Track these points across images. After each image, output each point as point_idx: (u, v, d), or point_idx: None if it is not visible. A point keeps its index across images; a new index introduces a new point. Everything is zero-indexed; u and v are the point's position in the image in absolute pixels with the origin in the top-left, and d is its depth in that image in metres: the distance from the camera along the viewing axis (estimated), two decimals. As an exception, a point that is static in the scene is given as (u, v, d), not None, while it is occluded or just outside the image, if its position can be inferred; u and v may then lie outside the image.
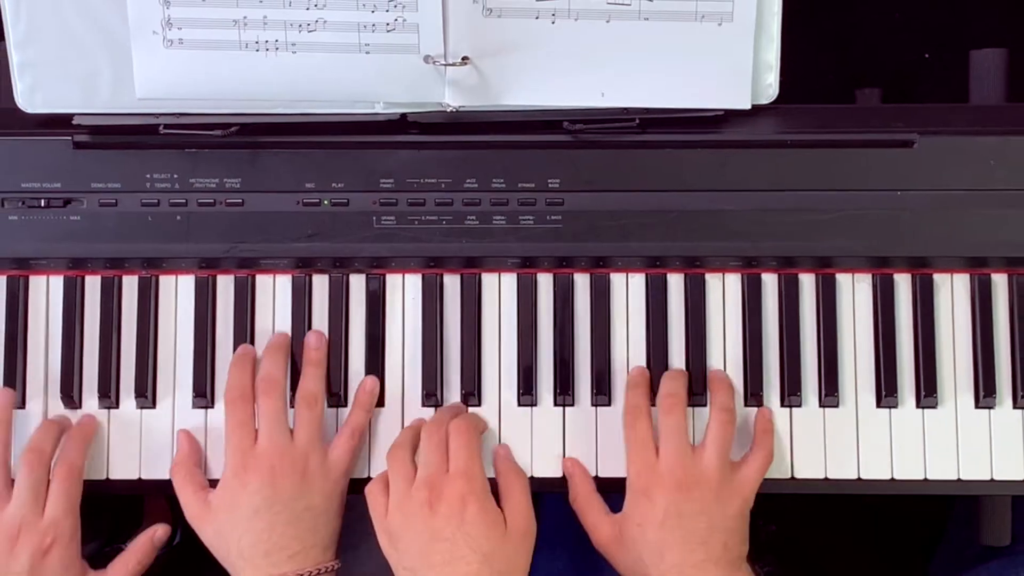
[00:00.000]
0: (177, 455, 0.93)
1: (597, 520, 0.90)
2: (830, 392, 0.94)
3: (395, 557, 0.87)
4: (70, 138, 0.93)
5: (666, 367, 0.95)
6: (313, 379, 0.93)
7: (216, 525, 0.89)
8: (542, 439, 0.95)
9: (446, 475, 0.87)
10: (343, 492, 0.91)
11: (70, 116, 0.93)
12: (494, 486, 0.90)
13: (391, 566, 0.88)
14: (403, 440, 0.91)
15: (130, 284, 0.96)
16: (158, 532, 0.95)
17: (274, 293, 0.96)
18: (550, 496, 0.93)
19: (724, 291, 0.96)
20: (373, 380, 0.94)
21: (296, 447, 0.89)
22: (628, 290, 0.96)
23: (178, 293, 0.96)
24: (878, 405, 0.95)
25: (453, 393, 0.95)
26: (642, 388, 0.92)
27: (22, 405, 0.95)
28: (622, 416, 0.92)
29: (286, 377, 0.93)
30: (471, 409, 0.95)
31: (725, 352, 0.96)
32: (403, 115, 0.93)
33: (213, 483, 0.92)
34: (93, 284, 0.96)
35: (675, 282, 0.96)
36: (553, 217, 0.93)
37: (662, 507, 0.86)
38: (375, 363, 0.95)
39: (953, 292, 0.96)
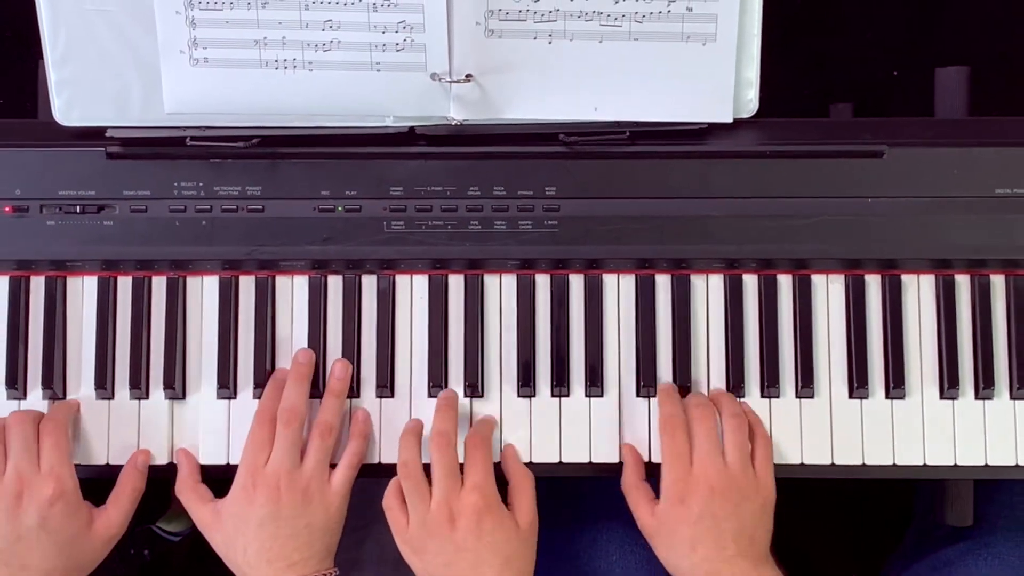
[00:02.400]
0: (179, 474, 0.93)
1: (643, 510, 0.90)
2: (806, 384, 0.94)
3: (419, 566, 0.88)
4: (103, 149, 0.93)
5: (654, 362, 0.95)
6: (331, 411, 0.92)
7: (224, 533, 0.90)
8: (540, 428, 0.95)
9: (462, 491, 0.87)
10: (341, 510, 0.91)
11: (103, 129, 0.93)
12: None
13: (414, 571, 0.89)
14: (410, 458, 0.90)
15: (159, 284, 0.96)
16: (139, 458, 0.94)
17: (292, 293, 0.96)
18: (555, 479, 0.93)
19: (708, 291, 0.96)
20: (365, 412, 0.94)
21: (303, 472, 0.89)
22: (619, 290, 0.96)
23: (203, 293, 0.96)
24: (850, 396, 0.95)
25: (457, 386, 0.95)
26: (677, 400, 0.92)
27: (61, 396, 0.95)
28: (660, 427, 0.91)
29: (307, 407, 0.92)
30: (474, 401, 0.95)
31: (709, 348, 0.96)
32: (411, 128, 0.93)
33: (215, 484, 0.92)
34: (125, 284, 0.96)
35: (663, 283, 0.96)
36: (550, 222, 0.93)
37: (697, 511, 0.86)
38: (385, 357, 0.95)
39: (920, 292, 0.96)
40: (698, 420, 0.89)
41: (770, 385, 0.94)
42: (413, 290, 0.96)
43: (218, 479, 0.93)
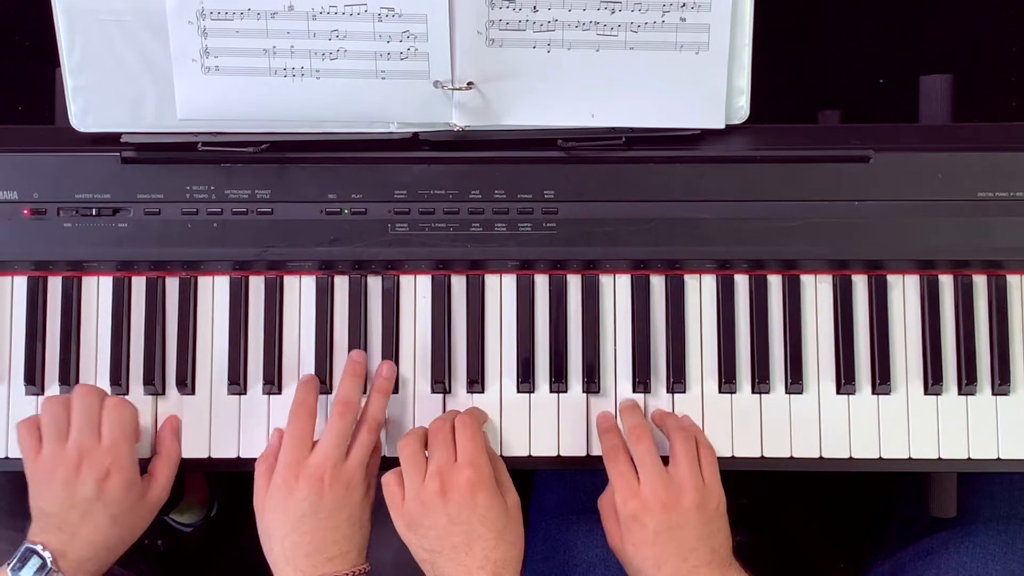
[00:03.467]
0: (267, 449, 0.91)
1: (611, 530, 0.89)
2: (795, 380, 0.95)
3: (415, 542, 0.87)
4: (118, 154, 0.93)
5: (649, 359, 0.95)
6: (379, 407, 0.92)
7: (264, 523, 0.88)
8: (539, 422, 0.95)
9: (455, 465, 0.86)
10: (373, 503, 0.90)
11: (118, 135, 0.93)
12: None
13: (411, 549, 0.88)
14: (413, 436, 0.90)
15: (172, 284, 0.96)
16: (174, 423, 0.94)
17: (300, 292, 0.96)
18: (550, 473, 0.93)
19: (701, 291, 0.96)
20: (390, 366, 0.93)
21: (347, 465, 0.88)
22: (615, 290, 0.96)
23: (215, 292, 0.96)
24: (838, 392, 0.95)
25: (459, 381, 0.95)
26: (614, 430, 0.92)
27: (76, 392, 0.95)
28: (603, 458, 0.90)
29: (360, 401, 0.91)
30: (475, 396, 0.95)
31: (702, 345, 0.96)
32: (415, 134, 0.93)
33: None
34: (139, 284, 0.96)
35: (657, 283, 0.96)
36: (549, 224, 0.93)
37: (652, 528, 0.85)
38: (390, 354, 0.95)
39: (905, 291, 0.96)
40: (636, 440, 0.88)
41: (760, 381, 0.94)
42: (416, 290, 0.96)
43: (226, 473, 0.93)
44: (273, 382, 0.95)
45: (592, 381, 0.95)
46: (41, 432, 0.88)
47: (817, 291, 0.96)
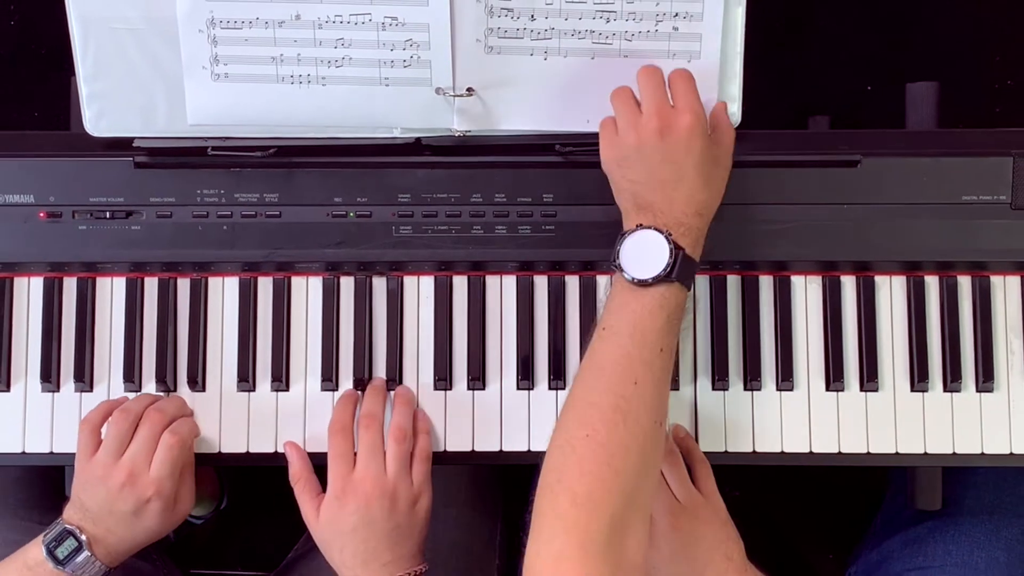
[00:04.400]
0: (293, 468, 0.91)
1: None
2: (786, 378, 0.94)
3: (618, 173, 0.85)
4: (131, 159, 0.93)
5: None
6: (404, 416, 0.92)
7: (320, 535, 0.89)
8: (538, 418, 0.95)
9: (675, 110, 0.84)
10: (427, 508, 0.90)
11: (131, 140, 0.93)
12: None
13: (613, 181, 0.86)
14: (624, 88, 0.87)
15: (183, 285, 0.96)
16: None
17: (307, 293, 0.96)
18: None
19: (694, 291, 0.96)
20: (423, 411, 0.94)
21: (387, 478, 0.88)
22: (612, 290, 0.96)
23: (224, 293, 0.96)
24: (827, 389, 0.95)
25: (461, 378, 0.95)
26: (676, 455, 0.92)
27: (90, 389, 0.95)
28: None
29: (384, 413, 0.92)
30: (476, 392, 0.95)
31: (695, 344, 0.95)
32: (418, 139, 0.93)
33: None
34: (151, 285, 0.96)
35: (652, 283, 0.96)
36: (547, 227, 0.93)
37: (668, 550, 0.86)
38: (395, 352, 0.95)
39: (892, 292, 0.96)
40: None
41: (752, 379, 0.94)
42: (420, 290, 0.96)
43: (231, 467, 0.93)
44: (281, 379, 0.95)
45: (589, 378, 0.94)
46: (101, 439, 0.89)
47: (807, 292, 0.96)
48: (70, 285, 0.96)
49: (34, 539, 0.88)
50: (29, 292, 0.96)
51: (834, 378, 0.94)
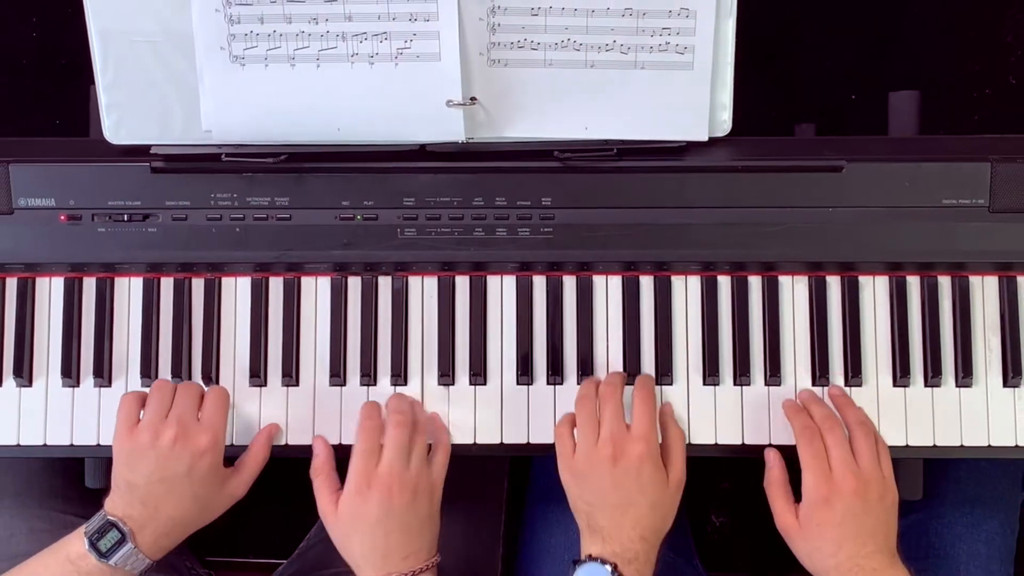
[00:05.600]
0: (317, 460, 0.91)
1: (784, 509, 0.88)
2: (773, 374, 0.95)
3: (576, 492, 0.88)
4: (148, 165, 0.93)
5: (639, 354, 0.95)
6: (424, 413, 0.93)
7: (339, 529, 0.88)
8: (537, 412, 0.95)
9: (628, 436, 0.87)
10: (439, 499, 0.90)
11: (148, 147, 0.93)
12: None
13: (570, 498, 0.89)
14: (588, 398, 0.90)
15: (198, 285, 0.96)
16: (271, 431, 0.93)
17: (316, 292, 0.96)
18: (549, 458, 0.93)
19: (687, 291, 0.96)
20: (436, 413, 0.94)
21: (410, 472, 0.88)
22: (607, 290, 0.96)
23: (237, 292, 0.96)
24: (813, 384, 0.95)
25: (463, 374, 0.95)
26: (805, 413, 0.91)
27: (109, 384, 0.95)
28: (796, 439, 0.89)
29: (411, 413, 0.91)
30: (477, 388, 0.95)
31: (687, 341, 0.96)
32: (422, 145, 0.93)
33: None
34: (167, 285, 0.96)
35: (646, 283, 0.96)
36: (546, 229, 0.93)
37: (840, 512, 0.85)
38: (399, 350, 0.95)
39: (875, 291, 0.96)
40: (829, 430, 0.88)
41: (741, 375, 0.94)
42: (424, 290, 0.96)
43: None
44: (291, 375, 0.95)
45: (586, 374, 0.95)
46: (145, 407, 0.88)
47: (794, 291, 0.96)
48: (89, 285, 0.96)
49: (75, 531, 0.86)
50: (51, 292, 0.96)
51: (820, 374, 0.94)
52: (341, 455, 0.93)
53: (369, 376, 0.95)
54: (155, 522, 0.86)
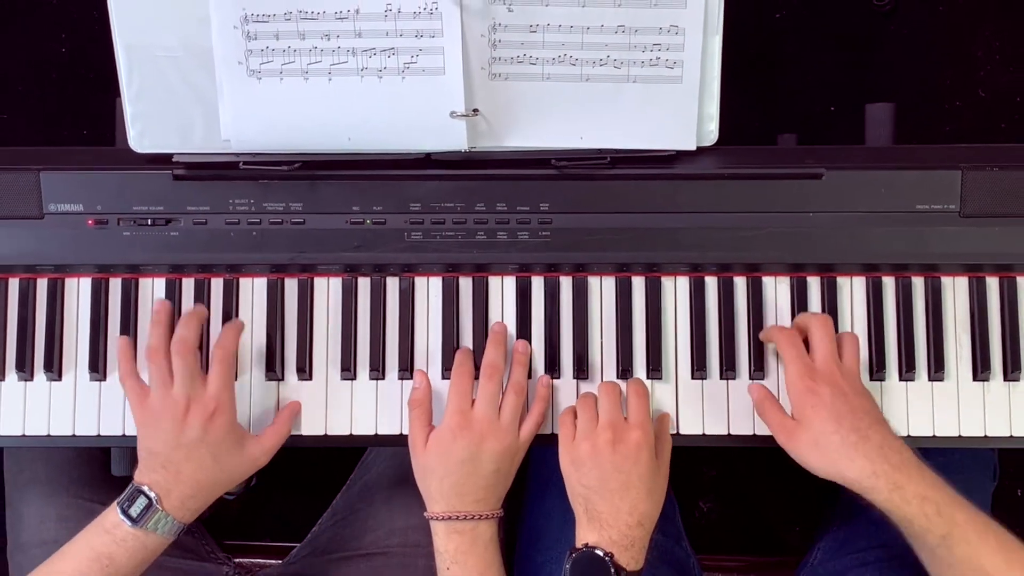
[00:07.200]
0: (417, 393, 0.91)
1: (778, 416, 0.89)
2: (758, 368, 0.95)
3: (575, 476, 0.87)
4: (170, 172, 0.93)
5: (631, 349, 0.95)
6: (522, 374, 0.92)
7: (425, 461, 0.88)
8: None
9: (626, 424, 0.87)
10: (520, 461, 0.91)
11: (170, 155, 0.93)
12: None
13: (569, 484, 0.88)
14: (588, 393, 0.91)
15: (217, 285, 0.96)
16: (294, 408, 0.93)
17: (328, 292, 0.96)
18: (547, 449, 0.93)
19: (676, 291, 0.96)
20: (548, 379, 0.94)
21: (501, 424, 0.88)
22: (602, 290, 0.96)
23: (254, 292, 0.97)
24: (795, 378, 0.95)
25: (466, 369, 0.95)
26: (780, 326, 0.93)
27: (134, 377, 0.95)
28: (779, 344, 0.90)
29: (505, 365, 0.92)
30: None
31: (677, 338, 0.96)
32: (427, 154, 0.93)
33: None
34: (188, 285, 0.96)
35: (638, 283, 0.96)
36: (544, 233, 0.93)
37: (829, 393, 0.85)
38: (406, 345, 0.95)
39: (852, 291, 0.96)
40: (816, 326, 0.89)
41: (728, 369, 0.95)
42: (429, 290, 0.96)
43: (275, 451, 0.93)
44: (305, 370, 0.95)
45: (581, 369, 0.95)
46: (150, 380, 0.88)
47: (777, 291, 0.96)
48: (115, 285, 0.96)
49: (110, 505, 0.86)
50: (79, 292, 0.96)
51: (801, 369, 0.94)
52: (349, 446, 0.94)
53: (378, 371, 0.95)
54: (180, 485, 0.86)
